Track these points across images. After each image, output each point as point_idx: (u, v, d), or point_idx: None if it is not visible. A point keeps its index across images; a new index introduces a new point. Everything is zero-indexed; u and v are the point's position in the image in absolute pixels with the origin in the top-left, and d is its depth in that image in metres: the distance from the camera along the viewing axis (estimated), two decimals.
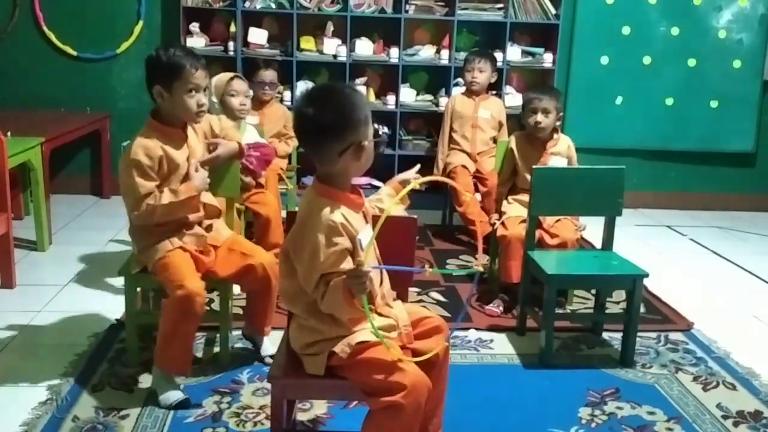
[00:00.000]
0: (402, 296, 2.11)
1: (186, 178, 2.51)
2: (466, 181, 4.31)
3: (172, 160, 2.47)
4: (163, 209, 2.43)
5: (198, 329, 2.53)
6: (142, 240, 2.54)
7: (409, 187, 1.75)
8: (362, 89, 5.05)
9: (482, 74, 4.48)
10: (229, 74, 3.50)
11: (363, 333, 1.86)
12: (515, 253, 3.17)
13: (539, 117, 3.36)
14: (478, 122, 4.52)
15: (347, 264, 1.78)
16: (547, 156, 3.41)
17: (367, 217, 1.92)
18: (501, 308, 3.31)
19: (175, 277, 2.41)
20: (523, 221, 3.19)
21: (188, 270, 2.45)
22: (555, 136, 3.46)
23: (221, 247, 2.64)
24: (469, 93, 4.57)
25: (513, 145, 3.49)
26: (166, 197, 2.43)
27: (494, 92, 4.88)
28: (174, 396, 2.43)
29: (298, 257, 1.82)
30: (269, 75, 4.24)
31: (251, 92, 3.77)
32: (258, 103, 4.28)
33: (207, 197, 2.65)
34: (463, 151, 4.51)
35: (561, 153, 3.43)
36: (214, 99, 3.39)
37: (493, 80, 4.60)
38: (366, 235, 1.84)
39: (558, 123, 3.44)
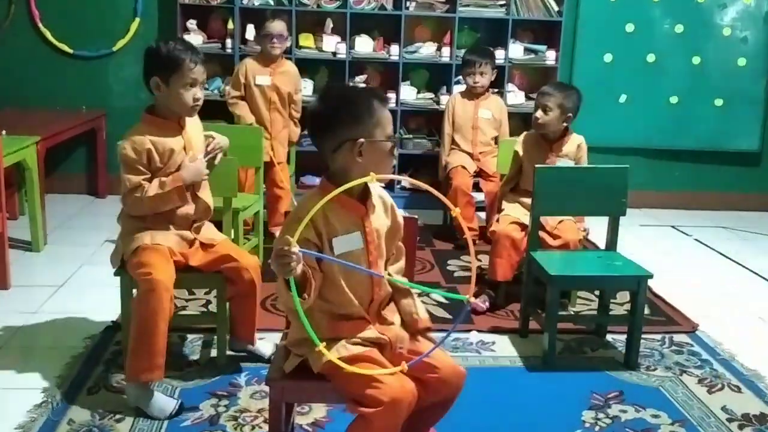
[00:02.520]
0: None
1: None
2: (465, 181, 4.25)
3: (165, 151, 2.47)
4: (149, 201, 2.44)
5: (190, 331, 2.51)
6: (123, 227, 2.54)
7: (386, 177, 1.78)
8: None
9: (484, 77, 4.40)
10: None
11: (337, 351, 1.78)
12: (502, 251, 3.17)
13: (538, 113, 3.27)
14: (479, 123, 4.47)
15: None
16: (554, 158, 3.30)
17: (367, 227, 1.84)
18: (487, 304, 3.27)
19: (143, 269, 2.38)
20: (515, 222, 3.20)
21: (159, 262, 2.41)
22: (565, 137, 3.33)
23: (209, 247, 2.59)
24: (470, 94, 4.50)
25: (519, 145, 3.40)
26: (153, 188, 2.45)
27: (495, 90, 4.83)
28: (166, 403, 2.37)
29: None
30: (278, 26, 4.01)
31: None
32: (267, 59, 4.08)
33: (204, 194, 2.62)
34: (464, 151, 4.46)
35: (568, 155, 3.32)
36: None
37: (492, 78, 4.54)
38: (346, 241, 1.79)
39: (565, 124, 3.29)
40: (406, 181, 1.75)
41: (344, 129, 1.76)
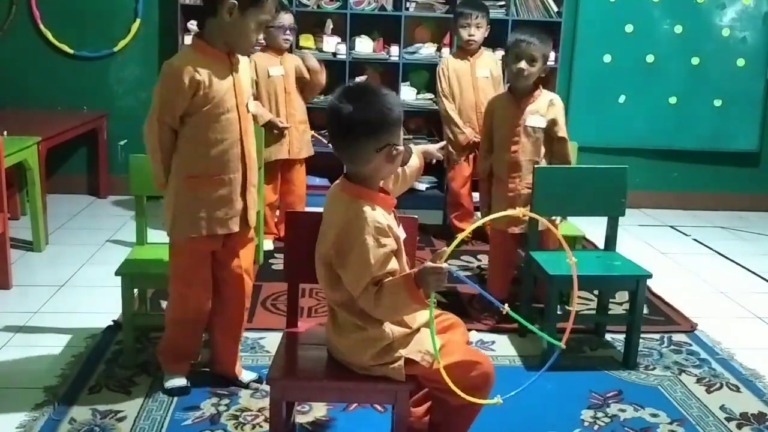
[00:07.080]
0: None
1: (228, 112, 2.29)
2: (465, 188, 4.25)
3: (215, 91, 2.25)
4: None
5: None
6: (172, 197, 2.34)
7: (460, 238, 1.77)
8: None
9: (479, 31, 4.08)
10: None
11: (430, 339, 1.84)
12: (499, 271, 3.28)
13: (522, 64, 3.00)
14: (479, 83, 4.17)
15: (393, 264, 1.78)
16: (522, 116, 3.10)
17: (396, 216, 1.92)
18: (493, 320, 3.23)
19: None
20: (505, 232, 3.18)
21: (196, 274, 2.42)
22: (536, 92, 3.10)
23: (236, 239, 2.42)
24: (462, 52, 4.19)
25: (490, 107, 3.26)
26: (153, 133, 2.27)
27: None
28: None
29: (343, 263, 1.79)
30: (288, 18, 3.86)
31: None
32: (276, 51, 3.92)
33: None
34: (467, 124, 4.14)
35: (539, 111, 3.10)
36: None
37: (486, 34, 4.22)
38: (402, 233, 1.88)
39: (542, 75, 3.11)
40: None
41: (387, 132, 1.79)
